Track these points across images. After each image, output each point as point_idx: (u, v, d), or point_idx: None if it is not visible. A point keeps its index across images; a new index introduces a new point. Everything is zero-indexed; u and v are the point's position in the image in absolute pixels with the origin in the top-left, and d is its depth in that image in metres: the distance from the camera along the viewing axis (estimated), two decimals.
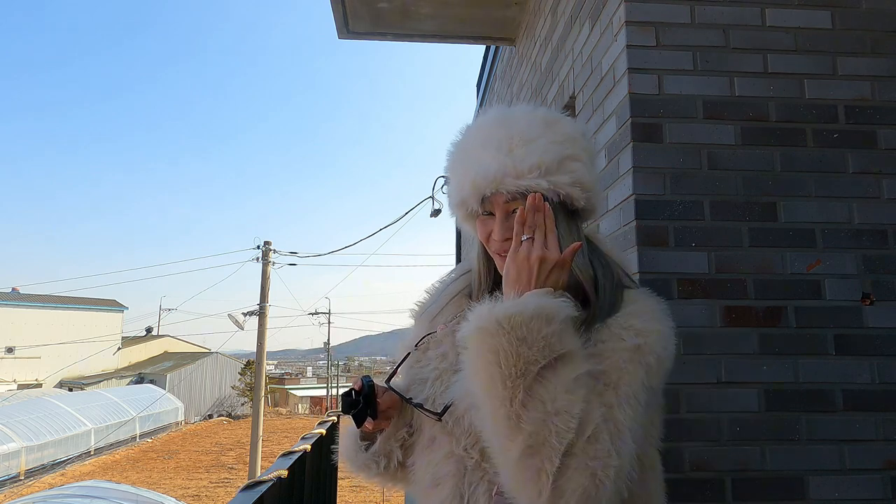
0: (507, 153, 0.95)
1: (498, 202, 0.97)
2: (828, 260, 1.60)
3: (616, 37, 1.75)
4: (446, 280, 1.16)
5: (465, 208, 1.02)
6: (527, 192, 0.93)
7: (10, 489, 14.93)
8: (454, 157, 1.06)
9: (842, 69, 1.71)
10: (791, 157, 1.65)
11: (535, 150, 0.95)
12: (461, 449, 0.95)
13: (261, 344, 14.70)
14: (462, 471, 0.94)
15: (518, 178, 0.94)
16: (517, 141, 0.96)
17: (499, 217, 0.98)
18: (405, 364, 1.07)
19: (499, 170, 0.94)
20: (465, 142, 1.05)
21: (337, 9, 3.22)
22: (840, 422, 1.53)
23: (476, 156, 0.98)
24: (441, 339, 1.05)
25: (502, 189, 0.95)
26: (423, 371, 1.03)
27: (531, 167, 0.94)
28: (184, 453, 19.90)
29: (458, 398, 0.94)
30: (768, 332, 1.56)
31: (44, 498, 7.53)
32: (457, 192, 1.02)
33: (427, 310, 1.12)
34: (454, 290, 1.12)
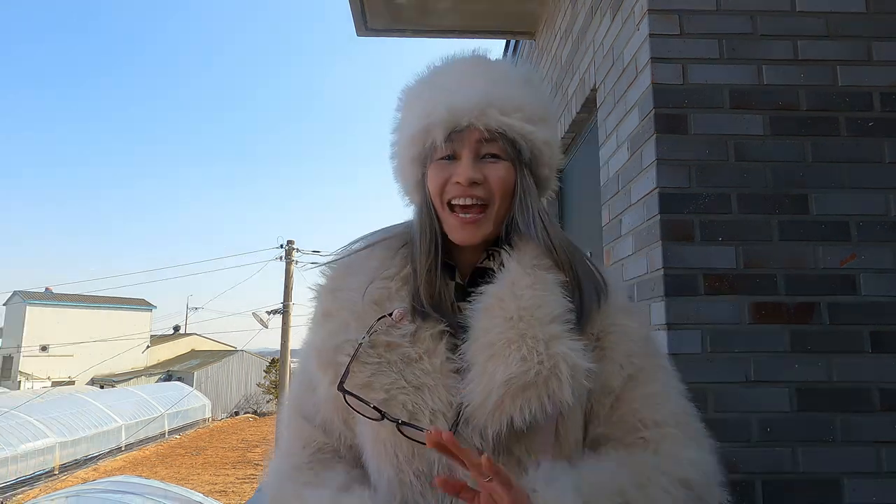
0: (493, 84, 0.83)
1: (470, 140, 0.81)
2: (863, 254, 1.54)
3: (638, 26, 1.70)
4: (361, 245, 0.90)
5: (422, 143, 0.83)
6: (506, 133, 0.81)
7: (45, 483, 15.37)
8: (418, 87, 0.88)
9: (877, 55, 1.63)
10: (823, 146, 1.58)
11: (521, 93, 0.84)
12: None
13: (285, 342, 14.87)
14: None
15: (503, 114, 0.81)
16: (503, 78, 0.85)
17: (468, 156, 0.81)
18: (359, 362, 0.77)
19: (484, 98, 0.80)
20: (436, 73, 0.88)
21: (355, 6, 3.22)
22: (877, 422, 1.47)
23: (451, 83, 0.83)
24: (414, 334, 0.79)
25: (481, 122, 0.80)
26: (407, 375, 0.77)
27: (517, 106, 0.82)
28: (211, 449, 20.25)
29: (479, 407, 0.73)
30: (800, 328, 1.50)
31: (77, 492, 7.73)
32: (418, 121, 0.83)
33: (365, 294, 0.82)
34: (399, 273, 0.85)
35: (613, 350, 0.82)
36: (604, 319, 0.83)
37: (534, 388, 0.72)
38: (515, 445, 0.76)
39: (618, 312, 0.85)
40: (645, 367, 0.83)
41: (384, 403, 0.75)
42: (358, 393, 0.76)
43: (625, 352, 0.82)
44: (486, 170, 0.83)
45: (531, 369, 0.72)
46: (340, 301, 0.84)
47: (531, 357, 0.73)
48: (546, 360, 0.73)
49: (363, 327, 0.80)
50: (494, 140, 0.82)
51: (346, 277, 0.86)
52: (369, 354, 0.78)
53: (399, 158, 0.89)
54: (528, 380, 0.72)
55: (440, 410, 0.75)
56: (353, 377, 0.77)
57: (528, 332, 0.75)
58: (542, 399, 0.72)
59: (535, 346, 0.74)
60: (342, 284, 0.85)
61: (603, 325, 0.83)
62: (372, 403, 0.75)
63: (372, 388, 0.76)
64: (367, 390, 0.76)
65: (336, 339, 0.80)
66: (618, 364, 0.82)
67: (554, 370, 0.72)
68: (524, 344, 0.74)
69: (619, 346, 0.82)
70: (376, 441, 0.79)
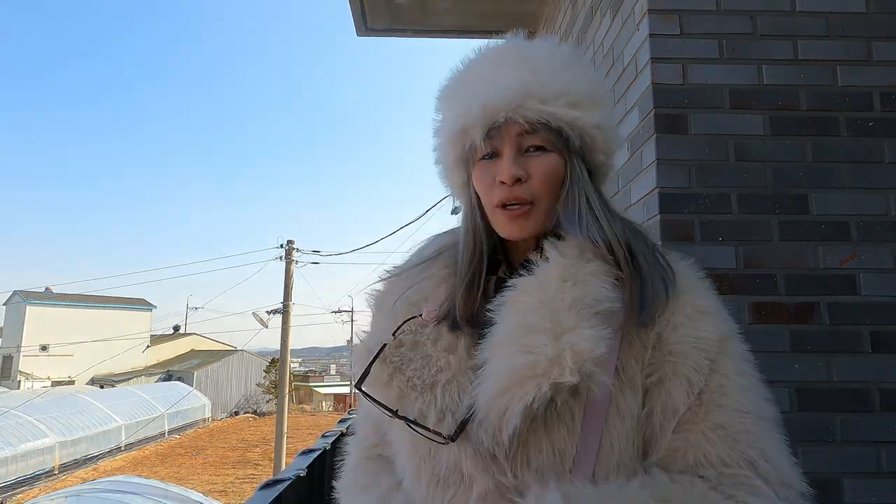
0: (530, 72, 0.76)
1: (510, 134, 0.77)
2: (863, 254, 1.54)
3: (638, 26, 1.70)
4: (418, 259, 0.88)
5: (461, 144, 0.79)
6: (549, 123, 0.75)
7: (45, 483, 15.37)
8: (452, 86, 0.84)
9: (877, 54, 1.63)
10: (823, 146, 1.58)
11: (563, 76, 0.77)
12: (510, 478, 0.70)
13: (285, 342, 14.86)
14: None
15: (542, 103, 0.75)
16: (542, 63, 0.78)
17: (509, 152, 0.77)
18: (384, 361, 0.78)
19: (520, 88, 0.75)
20: (469, 68, 0.83)
21: (355, 6, 3.21)
22: (877, 423, 1.47)
23: (488, 75, 0.78)
24: (438, 332, 0.79)
25: (519, 115, 0.74)
26: (423, 373, 0.76)
27: (558, 92, 0.75)
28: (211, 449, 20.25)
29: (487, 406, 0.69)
30: (800, 329, 1.50)
31: (77, 492, 7.74)
32: (454, 122, 0.79)
33: (402, 296, 0.83)
34: (438, 273, 0.85)
35: (681, 363, 0.72)
36: (670, 320, 0.74)
37: (532, 379, 0.67)
38: (534, 454, 0.70)
39: (689, 314, 0.74)
40: (720, 387, 0.72)
41: (397, 401, 0.75)
42: (378, 391, 0.77)
43: (694, 365, 0.72)
44: (529, 164, 0.78)
45: (534, 361, 0.68)
46: (383, 305, 0.85)
47: (536, 349, 0.69)
48: (551, 351, 0.68)
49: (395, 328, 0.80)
50: (537, 131, 0.76)
51: (395, 283, 0.87)
52: (394, 354, 0.78)
53: (443, 162, 0.86)
54: (528, 373, 0.68)
55: (449, 408, 0.73)
56: (377, 376, 0.77)
57: (540, 323, 0.70)
58: (541, 388, 0.67)
59: (543, 338, 0.69)
60: (390, 289, 0.86)
61: (669, 327, 0.74)
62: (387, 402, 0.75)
63: (390, 388, 0.76)
64: (386, 389, 0.77)
65: (371, 342, 0.81)
66: (685, 379, 0.72)
67: (557, 360, 0.67)
68: (534, 336, 0.70)
69: (689, 357, 0.72)
70: (402, 440, 0.80)
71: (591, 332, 0.69)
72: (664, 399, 0.72)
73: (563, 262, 0.75)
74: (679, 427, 0.71)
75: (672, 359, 0.73)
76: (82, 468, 17.10)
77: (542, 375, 0.67)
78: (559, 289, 0.72)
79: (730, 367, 0.73)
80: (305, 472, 1.57)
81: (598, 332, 0.69)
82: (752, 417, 0.71)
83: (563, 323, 0.70)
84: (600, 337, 0.69)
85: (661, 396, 0.72)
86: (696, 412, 0.71)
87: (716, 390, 0.72)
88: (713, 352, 0.73)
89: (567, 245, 0.77)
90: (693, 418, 0.71)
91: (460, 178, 0.84)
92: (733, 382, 0.72)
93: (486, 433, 0.70)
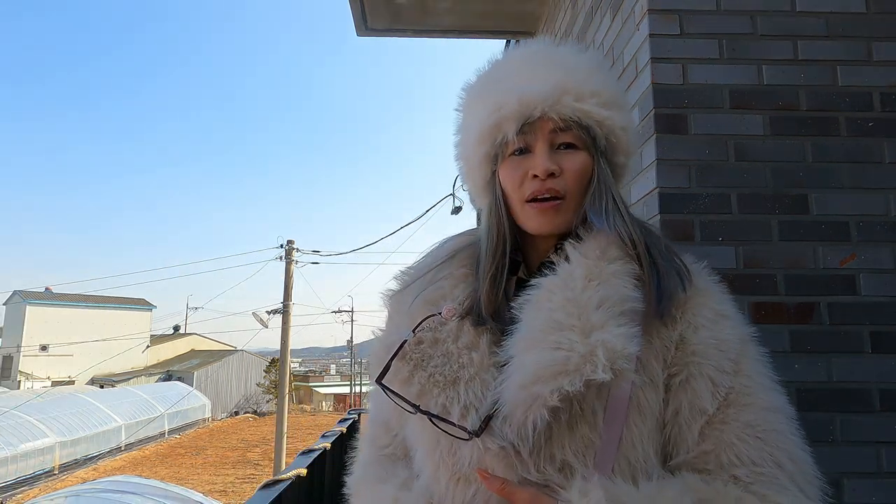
0: (564, 71, 0.79)
1: (543, 130, 0.78)
2: (863, 254, 1.54)
3: (638, 26, 1.70)
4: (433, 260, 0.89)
5: (492, 139, 0.80)
6: (581, 121, 0.77)
7: (45, 483, 15.37)
8: (480, 84, 0.85)
9: (877, 55, 1.63)
10: (823, 146, 1.58)
11: (595, 77, 0.80)
12: (534, 474, 0.70)
13: (285, 342, 14.86)
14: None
15: (578, 101, 0.77)
16: (573, 64, 0.80)
17: (542, 147, 0.78)
18: (404, 358, 0.78)
19: (556, 86, 0.76)
20: (498, 67, 0.85)
21: (355, 6, 3.21)
22: (877, 423, 1.47)
23: (521, 74, 0.80)
24: (459, 329, 0.79)
25: (555, 111, 0.76)
26: (445, 369, 0.76)
27: (593, 92, 0.78)
28: (211, 449, 20.25)
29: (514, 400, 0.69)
30: (800, 329, 1.50)
31: (77, 492, 7.73)
32: (487, 118, 0.79)
33: (419, 295, 0.83)
34: (455, 273, 0.85)
35: (705, 364, 0.73)
36: (692, 321, 0.75)
37: (565, 375, 0.67)
38: (558, 450, 0.70)
39: (709, 317, 0.76)
40: (745, 388, 0.73)
41: (418, 397, 0.76)
42: (398, 388, 0.77)
43: (717, 366, 0.73)
44: (561, 160, 0.79)
45: (565, 357, 0.68)
46: (400, 304, 0.85)
47: (567, 345, 0.69)
48: (582, 347, 0.68)
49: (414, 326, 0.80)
50: (569, 129, 0.78)
51: (411, 283, 0.87)
52: (414, 351, 0.79)
53: (466, 160, 0.86)
54: (559, 368, 0.68)
55: (472, 404, 0.73)
56: (396, 373, 0.78)
57: (567, 321, 0.71)
58: (574, 383, 0.67)
59: (573, 335, 0.69)
60: (405, 289, 0.87)
61: (691, 329, 0.75)
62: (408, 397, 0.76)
63: (411, 384, 0.77)
64: (406, 385, 0.77)
65: (389, 340, 0.81)
66: (709, 379, 0.73)
67: (589, 357, 0.67)
68: (562, 333, 0.70)
69: (711, 358, 0.74)
70: (421, 437, 0.80)
71: (621, 329, 0.70)
72: (690, 398, 0.73)
73: (585, 262, 0.76)
74: (709, 427, 0.72)
75: (696, 359, 0.74)
76: (82, 468, 17.10)
77: (574, 371, 0.68)
78: (585, 287, 0.73)
79: (752, 368, 0.75)
80: (305, 472, 1.57)
81: (629, 331, 0.70)
82: (777, 415, 0.73)
83: (592, 321, 0.70)
84: (631, 335, 0.70)
85: (686, 396, 0.73)
86: (725, 412, 0.72)
87: (741, 391, 0.73)
88: (735, 353, 0.75)
89: (587, 246, 0.78)
90: (724, 419, 0.72)
91: (484, 176, 0.85)
92: (756, 383, 0.75)
93: (510, 428, 0.70)
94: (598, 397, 0.71)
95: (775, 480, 0.69)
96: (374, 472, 0.88)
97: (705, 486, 0.69)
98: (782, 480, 0.70)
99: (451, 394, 0.74)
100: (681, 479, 0.70)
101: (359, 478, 0.90)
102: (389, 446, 0.90)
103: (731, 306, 0.80)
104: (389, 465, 0.88)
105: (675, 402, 0.74)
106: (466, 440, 0.72)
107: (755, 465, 0.70)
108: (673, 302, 0.75)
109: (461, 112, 0.87)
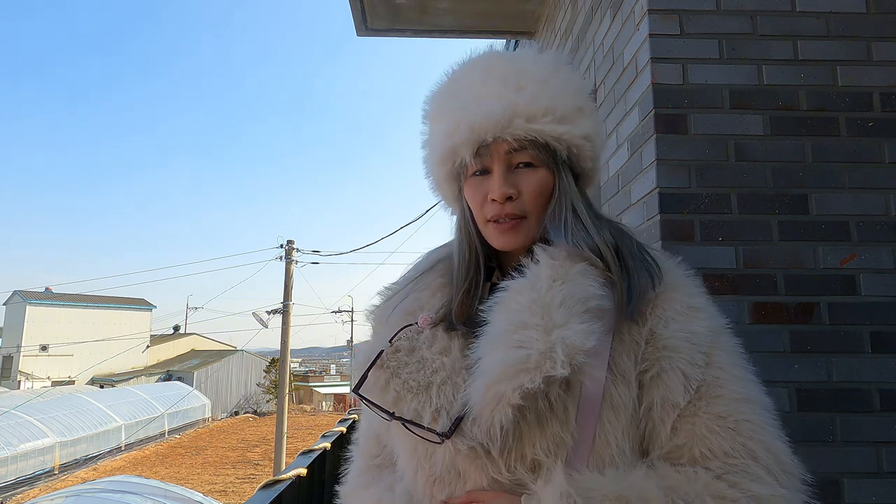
0: (515, 90, 0.78)
1: (499, 152, 0.78)
2: (863, 254, 1.54)
3: (638, 26, 1.70)
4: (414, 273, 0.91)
5: (451, 162, 0.81)
6: (537, 139, 0.77)
7: (45, 483, 15.37)
8: (439, 99, 0.85)
9: (877, 54, 1.63)
10: (823, 146, 1.58)
11: (549, 91, 0.78)
12: (504, 474, 0.72)
13: (285, 342, 14.86)
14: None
15: (529, 122, 0.76)
16: (528, 78, 0.79)
17: (499, 169, 0.79)
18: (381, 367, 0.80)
19: (507, 109, 0.76)
20: (455, 80, 0.85)
21: (355, 6, 3.21)
22: (876, 423, 1.47)
23: (474, 93, 0.79)
24: (433, 336, 0.81)
25: (508, 134, 0.76)
26: (419, 375, 0.77)
27: (545, 109, 0.77)
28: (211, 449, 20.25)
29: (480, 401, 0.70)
30: (800, 329, 1.50)
31: (77, 492, 7.72)
32: (443, 141, 0.81)
33: (398, 306, 0.85)
34: (433, 283, 0.87)
35: (676, 357, 0.73)
36: (662, 316, 0.76)
37: (525, 373, 0.68)
38: (529, 448, 0.71)
39: (680, 310, 0.76)
40: (716, 380, 0.73)
41: (394, 404, 0.77)
42: (376, 396, 0.78)
43: (688, 359, 0.73)
44: (519, 181, 0.79)
45: (526, 355, 0.69)
46: (380, 317, 0.87)
47: (528, 343, 0.70)
48: (542, 345, 0.69)
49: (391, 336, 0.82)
50: (525, 149, 0.78)
51: (392, 296, 0.89)
52: (391, 360, 0.80)
53: (433, 176, 0.87)
54: (520, 366, 0.69)
55: (444, 407, 0.74)
56: (374, 382, 0.79)
57: (531, 320, 0.72)
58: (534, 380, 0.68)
59: (535, 333, 0.70)
60: (387, 303, 0.89)
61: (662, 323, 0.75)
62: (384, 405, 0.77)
63: (387, 391, 0.78)
64: (383, 393, 0.78)
65: (370, 350, 0.82)
66: (680, 373, 0.73)
67: (548, 353, 0.68)
68: (525, 332, 0.71)
69: (682, 351, 0.74)
70: (401, 443, 0.81)
71: (581, 326, 0.70)
72: (662, 392, 0.73)
73: (552, 263, 0.77)
74: (681, 420, 0.72)
75: (667, 353, 0.74)
76: (82, 468, 17.10)
77: (534, 369, 0.69)
78: (550, 287, 0.74)
79: (724, 360, 0.75)
80: (305, 472, 1.57)
81: (589, 327, 0.70)
82: (750, 406, 0.73)
83: (555, 319, 0.71)
84: (590, 331, 0.70)
85: (658, 390, 0.73)
86: (696, 405, 0.72)
87: (712, 382, 0.73)
88: (706, 345, 0.75)
89: (556, 249, 0.79)
90: (695, 411, 0.72)
91: (451, 192, 0.87)
92: (728, 374, 0.74)
93: (480, 429, 0.71)
94: (568, 395, 0.71)
95: (749, 471, 0.69)
96: (363, 480, 0.90)
97: (674, 472, 0.69)
98: (757, 471, 0.69)
99: (424, 398, 0.75)
100: (648, 465, 0.70)
101: (349, 487, 0.92)
102: (379, 456, 0.92)
103: (704, 299, 0.80)
104: (377, 473, 0.90)
105: (648, 397, 0.74)
106: (439, 443, 0.73)
107: (728, 457, 0.70)
108: (643, 301, 0.76)
109: (424, 124, 0.88)
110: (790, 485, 0.70)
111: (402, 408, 0.76)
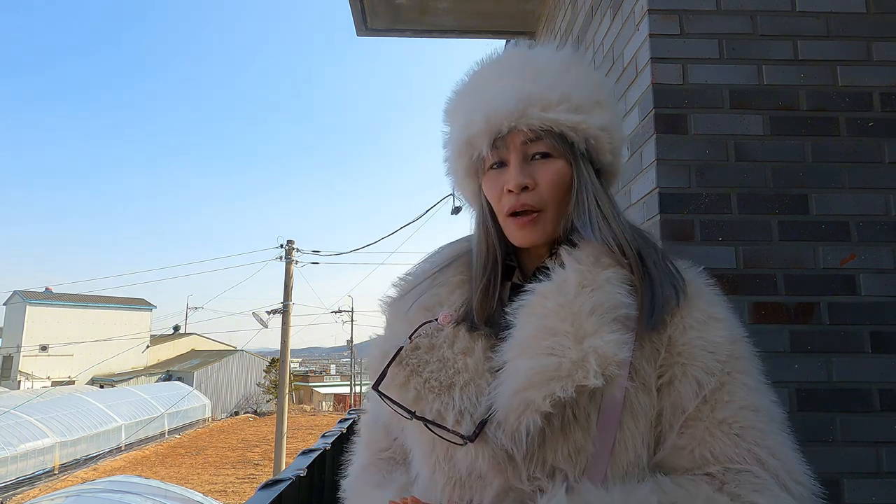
0: (530, 80, 0.78)
1: (515, 143, 0.78)
2: (863, 254, 1.54)
3: (638, 26, 1.70)
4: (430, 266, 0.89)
5: (469, 154, 0.81)
6: (553, 129, 0.76)
7: (45, 483, 15.37)
8: (457, 98, 0.85)
9: (877, 54, 1.63)
10: (823, 147, 1.58)
11: (565, 81, 0.78)
12: (524, 480, 0.70)
13: (285, 342, 14.86)
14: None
15: (545, 111, 0.76)
16: (544, 69, 0.79)
17: (515, 160, 0.78)
18: (400, 363, 0.78)
19: (521, 98, 0.76)
20: (472, 78, 0.85)
21: (355, 6, 3.21)
22: (876, 423, 1.47)
23: (490, 85, 0.79)
24: (455, 334, 0.79)
25: (523, 123, 0.76)
26: (440, 374, 0.76)
27: (560, 98, 0.76)
28: (211, 449, 20.25)
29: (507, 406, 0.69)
30: (800, 329, 1.50)
31: (77, 492, 7.73)
32: (460, 134, 0.81)
33: (416, 301, 0.84)
34: (452, 279, 0.85)
35: (690, 364, 0.73)
36: (680, 323, 0.75)
37: (557, 380, 0.68)
38: (550, 455, 0.70)
39: (700, 319, 0.76)
40: (725, 388, 0.73)
41: (414, 403, 0.75)
42: (395, 393, 0.77)
43: (704, 367, 0.73)
44: (536, 171, 0.79)
45: (558, 363, 0.68)
46: (397, 311, 0.85)
47: (559, 351, 0.69)
48: (574, 353, 0.69)
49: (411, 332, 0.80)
50: (541, 138, 0.77)
51: (409, 289, 0.87)
52: (410, 357, 0.79)
53: (453, 174, 0.87)
54: (551, 374, 0.68)
55: (467, 410, 0.73)
56: (393, 379, 0.78)
57: (561, 327, 0.71)
58: (566, 389, 0.67)
59: (566, 341, 0.70)
60: (403, 296, 0.87)
61: (679, 330, 0.75)
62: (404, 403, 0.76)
63: (407, 389, 0.77)
64: (402, 391, 0.77)
65: (385, 346, 0.81)
66: (694, 380, 0.73)
67: (581, 363, 0.68)
68: (555, 339, 0.70)
69: (698, 359, 0.73)
70: (417, 441, 0.80)
71: (613, 336, 0.70)
72: (674, 399, 0.73)
73: (579, 268, 0.76)
74: (685, 424, 0.72)
75: (681, 360, 0.74)
76: (82, 468, 17.10)
77: (566, 377, 0.68)
78: (578, 294, 0.73)
79: (738, 370, 0.74)
80: (305, 472, 1.57)
81: (621, 337, 0.70)
82: (758, 415, 0.72)
83: (585, 327, 0.71)
84: (623, 341, 0.70)
85: (670, 396, 0.73)
86: (701, 409, 0.72)
87: (722, 389, 0.73)
88: (723, 355, 0.74)
89: (582, 252, 0.78)
90: (699, 415, 0.72)
91: (472, 187, 0.86)
92: (740, 383, 0.73)
93: (504, 434, 0.70)
94: (591, 403, 0.71)
95: (753, 479, 0.68)
96: (370, 476, 0.88)
97: (675, 487, 0.68)
98: (763, 478, 0.68)
99: (447, 399, 0.74)
100: (653, 481, 0.69)
101: (354, 481, 0.90)
102: (388, 450, 0.90)
103: (724, 309, 0.80)
104: (387, 471, 0.88)
105: (661, 402, 0.74)
106: (461, 445, 0.72)
107: (731, 462, 0.69)
108: (666, 314, 0.75)
109: (445, 125, 0.88)
110: (799, 493, 0.69)
111: (423, 407, 0.75)
